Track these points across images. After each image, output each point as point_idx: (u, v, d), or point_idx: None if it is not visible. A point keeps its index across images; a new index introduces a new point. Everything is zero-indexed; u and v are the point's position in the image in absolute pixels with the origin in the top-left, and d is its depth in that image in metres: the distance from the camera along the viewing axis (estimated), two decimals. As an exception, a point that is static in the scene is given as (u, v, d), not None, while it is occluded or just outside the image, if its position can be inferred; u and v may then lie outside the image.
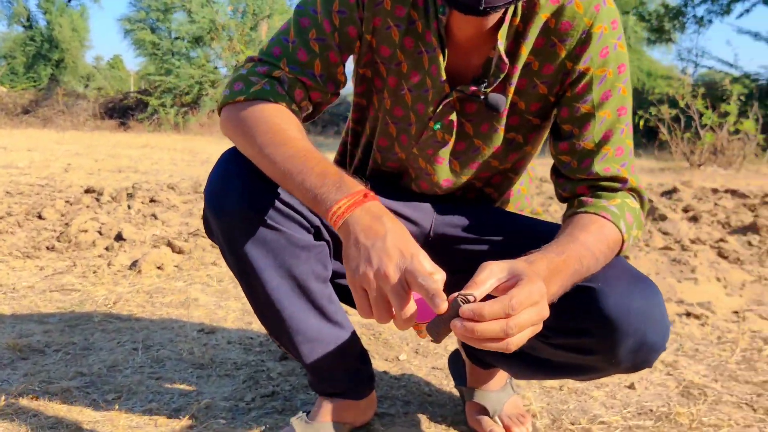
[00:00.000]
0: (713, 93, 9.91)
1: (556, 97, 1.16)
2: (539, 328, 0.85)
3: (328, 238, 1.20)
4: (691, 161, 8.55)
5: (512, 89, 1.14)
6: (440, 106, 1.16)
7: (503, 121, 1.18)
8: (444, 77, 1.13)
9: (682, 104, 8.68)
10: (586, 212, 1.11)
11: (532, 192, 1.45)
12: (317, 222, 1.16)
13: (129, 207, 4.02)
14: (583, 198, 1.15)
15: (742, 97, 8.72)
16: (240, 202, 1.09)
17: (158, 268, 2.67)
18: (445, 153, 1.21)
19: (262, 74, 1.12)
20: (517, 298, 0.80)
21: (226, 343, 1.89)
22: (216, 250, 2.99)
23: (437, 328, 0.83)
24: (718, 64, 15.90)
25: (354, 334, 1.29)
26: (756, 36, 15.76)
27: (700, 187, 5.84)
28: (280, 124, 1.05)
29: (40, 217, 3.67)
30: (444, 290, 0.84)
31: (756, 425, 1.49)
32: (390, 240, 0.88)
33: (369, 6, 1.13)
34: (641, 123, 8.90)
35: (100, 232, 3.22)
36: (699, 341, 2.07)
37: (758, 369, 1.84)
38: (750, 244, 3.51)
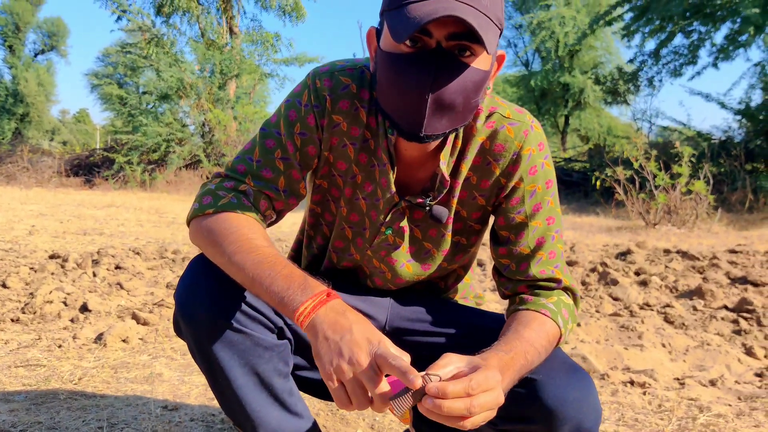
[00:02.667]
0: (667, 152, 10.35)
1: (492, 207, 1.32)
2: (494, 413, 0.97)
3: (290, 336, 1.31)
4: (647, 220, 8.86)
5: (455, 201, 1.30)
6: (390, 214, 1.30)
7: (450, 227, 1.33)
8: (393, 189, 1.27)
9: (636, 165, 9.05)
10: (527, 309, 1.25)
11: (474, 280, 1.58)
12: (280, 323, 1.27)
13: (94, 275, 4.06)
14: (523, 296, 1.29)
15: (693, 159, 9.12)
16: (208, 308, 1.19)
17: (123, 341, 2.72)
18: (397, 255, 1.35)
19: (229, 188, 1.25)
20: (476, 380, 0.93)
21: (189, 421, 1.96)
22: (181, 322, 3.06)
23: (402, 403, 0.94)
24: (672, 124, 16.53)
25: (313, 423, 1.39)
26: (707, 97, 16.50)
27: (654, 248, 6.08)
28: (247, 234, 1.17)
29: (4, 285, 3.69)
30: None
31: (685, 495, 1.60)
32: (357, 331, 1.00)
33: (327, 128, 1.27)
34: (598, 183, 9.24)
35: (65, 303, 3.26)
36: (639, 410, 2.19)
37: (692, 438, 1.97)
38: (695, 308, 3.69)
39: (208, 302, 1.19)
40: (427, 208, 1.29)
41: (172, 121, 15.95)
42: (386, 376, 0.98)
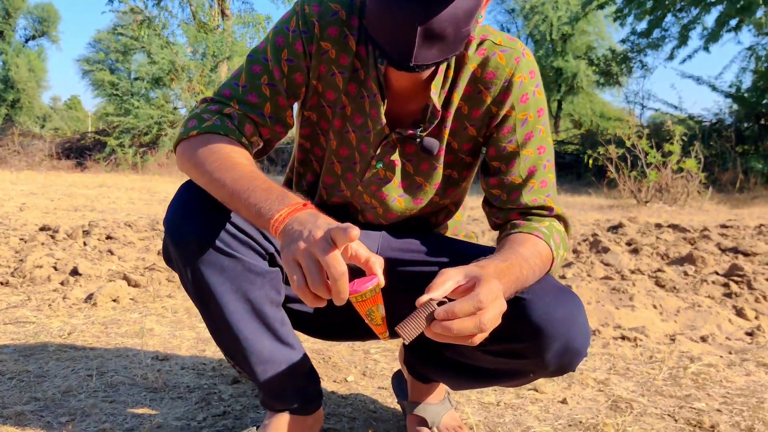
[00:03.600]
0: (659, 133, 10.35)
1: (484, 137, 1.30)
2: (499, 320, 0.96)
3: (282, 264, 1.29)
4: (638, 198, 8.88)
5: (447, 132, 1.28)
6: (381, 147, 1.28)
7: (441, 159, 1.31)
8: (384, 121, 1.25)
9: (628, 144, 9.06)
10: (520, 232, 1.24)
11: (465, 218, 1.57)
12: (271, 249, 1.25)
13: (85, 244, 4.03)
14: (515, 221, 1.28)
15: (685, 138, 9.13)
16: (198, 231, 1.18)
17: (114, 300, 2.71)
18: (388, 189, 1.33)
19: (214, 111, 1.23)
20: (481, 294, 0.92)
21: (179, 369, 1.95)
22: (172, 284, 3.04)
23: (410, 328, 0.92)
24: (664, 107, 16.56)
25: (304, 354, 1.38)
26: (698, 80, 16.52)
27: (645, 223, 6.09)
28: (228, 153, 1.15)
29: (-7, 254, 3.66)
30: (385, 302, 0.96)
31: (675, 433, 1.61)
32: (321, 220, 0.97)
33: (315, 55, 1.25)
34: (590, 162, 9.24)
35: (55, 268, 3.24)
36: (630, 361, 2.20)
37: (682, 384, 1.98)
38: (686, 274, 3.70)
39: (197, 226, 1.18)
40: (418, 140, 1.27)
41: (163, 103, 15.86)
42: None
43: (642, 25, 15.62)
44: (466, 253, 1.39)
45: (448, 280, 0.97)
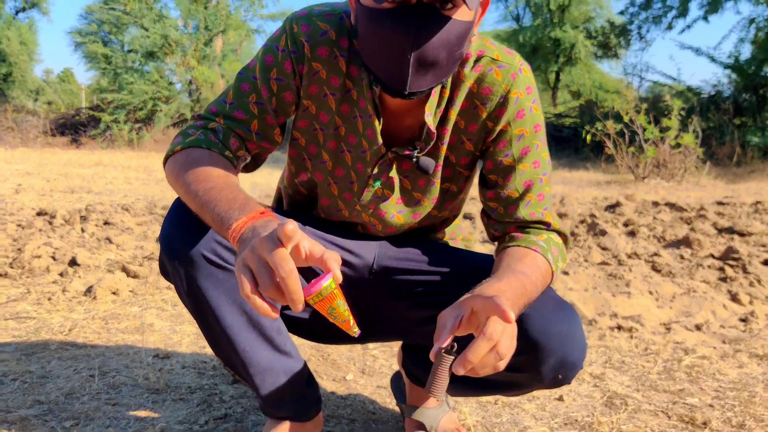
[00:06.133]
0: (657, 107, 10.32)
1: (480, 152, 1.30)
2: (515, 343, 0.98)
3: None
4: (636, 174, 8.89)
5: (444, 147, 1.27)
6: (378, 166, 1.28)
7: (438, 175, 1.31)
8: (380, 141, 1.24)
9: (626, 119, 9.03)
10: (518, 246, 1.25)
11: (462, 222, 1.58)
12: None
13: (82, 230, 4.04)
14: (513, 234, 1.29)
15: (683, 112, 9.11)
16: (193, 247, 1.18)
17: (113, 293, 2.73)
18: (387, 207, 1.33)
19: (198, 127, 1.25)
20: (491, 329, 0.92)
21: (180, 368, 1.97)
22: (171, 274, 3.06)
23: (438, 387, 0.95)
24: (662, 79, 16.48)
25: (301, 361, 1.40)
26: (697, 51, 16.42)
27: (642, 201, 6.11)
28: (206, 164, 1.16)
29: (-9, 242, 3.67)
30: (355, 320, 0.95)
31: (669, 431, 1.64)
32: (272, 223, 0.97)
33: (307, 75, 1.24)
34: (588, 138, 9.23)
35: (53, 258, 3.25)
36: (626, 353, 2.23)
37: (676, 378, 2.01)
38: (682, 257, 3.72)
39: (192, 241, 1.19)
40: (414, 159, 1.27)
41: (158, 78, 15.73)
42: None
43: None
44: (464, 260, 1.40)
45: (447, 321, 0.97)
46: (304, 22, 1.23)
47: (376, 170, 1.29)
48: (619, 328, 2.50)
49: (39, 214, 4.72)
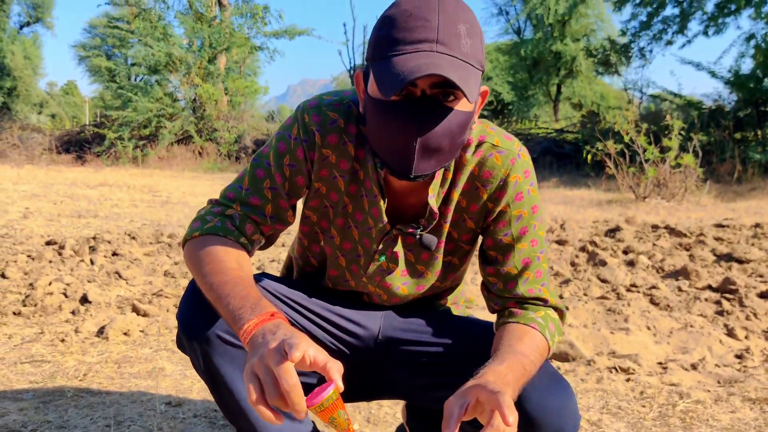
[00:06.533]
0: (657, 123, 10.41)
1: (481, 229, 1.38)
2: (516, 426, 1.04)
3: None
4: (637, 194, 8.97)
5: (447, 226, 1.36)
6: (383, 242, 1.37)
7: (441, 251, 1.40)
8: (385, 220, 1.33)
9: (626, 139, 9.12)
10: (517, 322, 1.33)
11: (464, 285, 1.66)
12: None
13: (92, 262, 4.13)
14: (513, 310, 1.37)
15: (683, 132, 9.19)
16: (207, 325, 1.27)
17: (124, 334, 2.80)
18: (392, 279, 1.42)
19: (216, 213, 1.33)
20: (497, 421, 0.99)
21: (192, 417, 2.05)
22: (180, 313, 3.14)
23: None
24: (662, 95, 16.56)
25: (311, 424, 1.47)
26: (698, 66, 16.52)
27: (642, 224, 6.18)
28: (222, 256, 1.24)
29: (3, 275, 3.75)
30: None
31: (662, 483, 1.71)
32: (281, 331, 1.04)
33: (318, 161, 1.34)
34: (589, 158, 9.31)
35: (65, 294, 3.33)
36: (623, 397, 2.30)
37: (671, 425, 2.08)
38: (680, 289, 3.79)
39: (207, 322, 1.27)
40: (418, 236, 1.35)
41: (162, 96, 15.86)
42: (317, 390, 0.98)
43: (641, 16, 15.59)
44: (466, 331, 1.48)
45: (454, 410, 1.04)
46: (315, 113, 1.32)
47: (381, 246, 1.37)
48: (617, 369, 2.57)
49: (48, 243, 4.81)
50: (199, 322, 1.27)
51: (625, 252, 4.84)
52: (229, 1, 17.39)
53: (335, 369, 0.99)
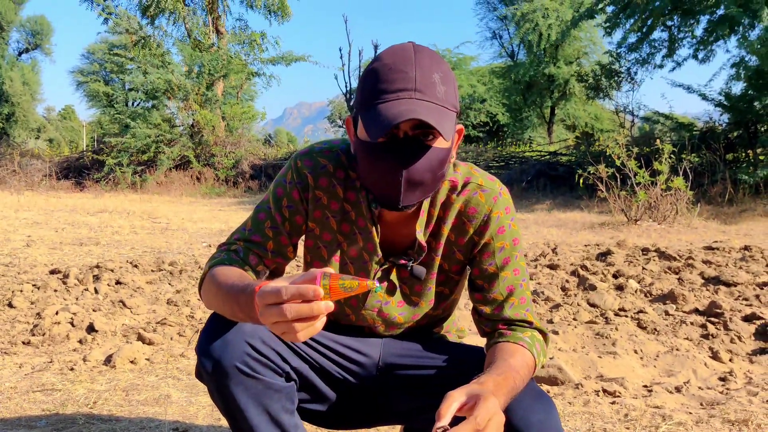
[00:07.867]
0: (649, 145, 10.58)
1: (468, 261, 1.54)
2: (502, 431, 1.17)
3: (296, 378, 1.51)
4: (629, 216, 9.12)
5: (438, 259, 1.52)
6: (378, 274, 1.51)
7: (433, 281, 1.54)
8: (380, 253, 1.49)
9: (618, 163, 9.29)
10: (507, 341, 1.47)
11: (456, 315, 1.79)
12: (287, 368, 1.47)
13: (96, 290, 4.24)
14: (502, 330, 1.51)
15: (673, 156, 9.37)
16: (225, 358, 1.39)
17: (131, 362, 2.91)
18: (389, 309, 1.56)
19: (222, 250, 1.50)
20: (480, 416, 1.12)
21: (199, 442, 2.16)
22: (182, 342, 3.25)
23: None
24: (654, 116, 16.79)
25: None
26: (688, 89, 16.76)
27: (633, 247, 6.32)
28: (227, 274, 1.39)
29: (10, 305, 3.86)
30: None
31: (643, 501, 1.82)
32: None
33: (312, 201, 1.50)
34: (581, 181, 9.49)
35: (72, 323, 3.44)
36: (608, 420, 2.41)
37: (653, 446, 2.19)
38: (667, 313, 3.92)
39: (226, 354, 1.40)
40: (409, 268, 1.49)
41: (160, 122, 16.05)
42: None
43: (631, 39, 15.86)
44: (458, 355, 1.61)
45: (453, 402, 1.17)
46: (307, 158, 1.50)
47: (377, 277, 1.51)
48: (604, 392, 2.69)
49: (52, 272, 4.92)
50: (218, 356, 1.40)
51: (615, 276, 4.96)
52: (227, 28, 17.69)
53: (317, 270, 1.09)
